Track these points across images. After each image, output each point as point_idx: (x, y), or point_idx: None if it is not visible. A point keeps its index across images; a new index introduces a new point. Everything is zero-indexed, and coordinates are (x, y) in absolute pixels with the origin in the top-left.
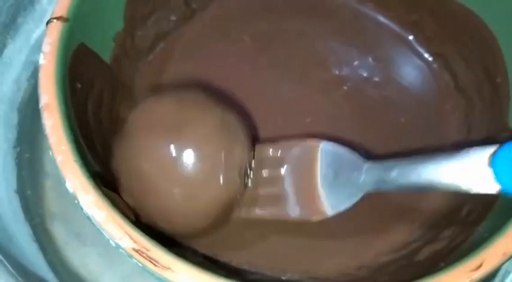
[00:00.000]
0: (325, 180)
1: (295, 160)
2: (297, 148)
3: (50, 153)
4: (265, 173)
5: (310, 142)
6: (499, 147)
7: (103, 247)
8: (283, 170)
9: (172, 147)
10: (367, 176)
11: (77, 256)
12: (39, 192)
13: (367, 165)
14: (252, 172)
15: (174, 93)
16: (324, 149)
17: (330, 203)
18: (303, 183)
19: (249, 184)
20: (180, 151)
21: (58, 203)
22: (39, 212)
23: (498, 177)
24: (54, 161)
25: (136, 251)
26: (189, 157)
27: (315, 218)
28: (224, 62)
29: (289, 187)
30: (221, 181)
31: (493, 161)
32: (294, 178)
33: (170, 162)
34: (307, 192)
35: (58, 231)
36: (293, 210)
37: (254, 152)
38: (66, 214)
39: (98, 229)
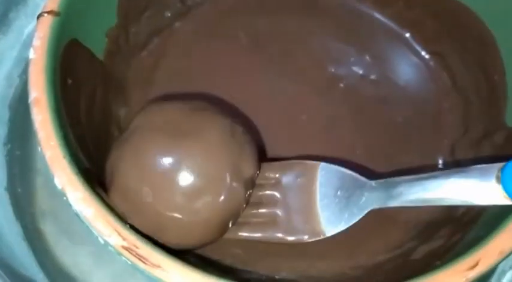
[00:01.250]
0: (324, 201)
1: (292, 180)
2: (295, 169)
3: (39, 149)
4: (258, 193)
5: (310, 163)
6: (507, 164)
7: (94, 246)
8: (278, 191)
9: (177, 152)
10: (370, 195)
11: (68, 255)
12: (30, 190)
13: (370, 184)
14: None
15: (183, 101)
16: (323, 169)
17: (329, 223)
18: (300, 204)
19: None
20: (185, 158)
21: (49, 201)
22: (30, 210)
23: (509, 193)
24: (44, 158)
25: (126, 248)
26: (194, 165)
27: (310, 239)
28: (219, 60)
29: (283, 209)
30: (226, 195)
31: (502, 178)
32: (290, 199)
33: (173, 168)
34: (303, 213)
35: (49, 229)
36: (285, 233)
37: (259, 169)
38: (57, 212)
39: (87, 226)
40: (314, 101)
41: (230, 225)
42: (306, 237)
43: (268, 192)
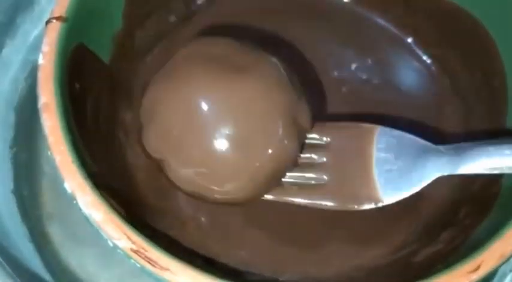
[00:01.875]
0: (382, 166)
1: (345, 144)
2: (348, 131)
3: (49, 153)
4: (306, 155)
5: (366, 125)
6: None
7: (100, 248)
8: (328, 154)
9: (232, 86)
10: (437, 161)
11: (74, 257)
12: (36, 193)
13: (437, 149)
14: None
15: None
16: (381, 133)
17: (387, 191)
18: (353, 169)
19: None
20: (241, 92)
21: (55, 203)
22: (36, 212)
23: None
24: (51, 161)
25: (135, 251)
26: (251, 102)
27: (364, 206)
28: None
29: (333, 173)
30: (279, 143)
31: None
32: (342, 163)
33: (227, 104)
34: (357, 179)
35: (55, 232)
36: (335, 199)
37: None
38: (63, 215)
39: (96, 229)
40: (316, 105)
41: (274, 183)
42: (359, 205)
43: (317, 154)
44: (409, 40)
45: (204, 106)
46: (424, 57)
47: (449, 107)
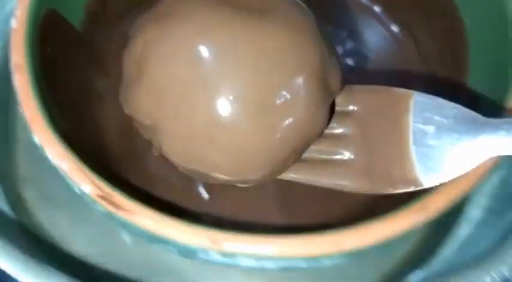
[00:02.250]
0: (420, 140)
1: (374, 112)
2: (379, 97)
3: (20, 109)
4: (329, 124)
5: (400, 90)
6: None
7: (73, 210)
8: (354, 124)
9: (250, 34)
10: (491, 136)
11: (48, 218)
12: (12, 159)
13: (491, 122)
14: None
15: None
16: (419, 99)
17: (427, 171)
18: (385, 144)
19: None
20: (261, 42)
21: (30, 169)
22: (10, 175)
23: None
24: (25, 120)
25: (101, 197)
26: (273, 55)
27: (399, 189)
28: None
29: (360, 148)
30: (306, 111)
31: None
32: (370, 136)
33: (241, 58)
34: (390, 155)
35: (30, 195)
36: (361, 180)
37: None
38: (38, 180)
39: (64, 177)
40: None
41: (294, 160)
42: (393, 188)
43: (341, 124)
44: (377, 9)
45: (212, 56)
46: (392, 26)
47: (415, 74)
